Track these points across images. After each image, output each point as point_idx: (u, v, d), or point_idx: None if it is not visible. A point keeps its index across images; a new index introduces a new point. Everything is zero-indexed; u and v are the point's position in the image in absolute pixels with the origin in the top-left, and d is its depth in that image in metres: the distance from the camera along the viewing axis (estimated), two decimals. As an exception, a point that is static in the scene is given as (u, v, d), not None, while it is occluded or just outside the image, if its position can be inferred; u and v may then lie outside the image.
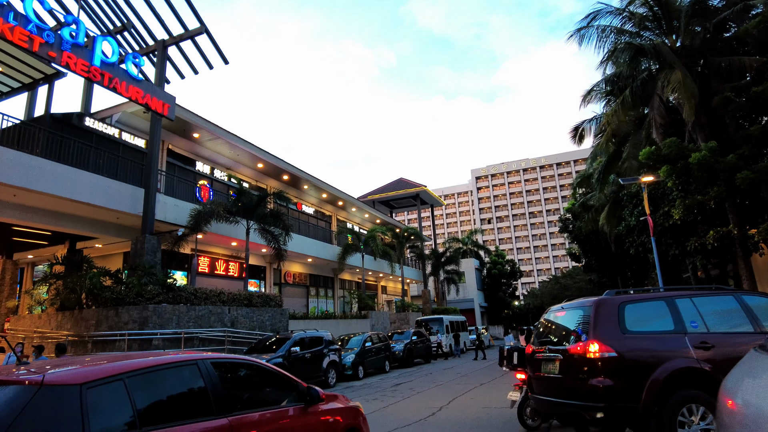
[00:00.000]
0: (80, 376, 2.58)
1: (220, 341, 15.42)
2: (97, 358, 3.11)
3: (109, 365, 2.81)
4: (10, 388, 2.41)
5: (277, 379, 3.99)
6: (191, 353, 3.49)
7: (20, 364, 2.96)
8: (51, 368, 2.71)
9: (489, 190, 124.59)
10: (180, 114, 18.45)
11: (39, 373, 2.55)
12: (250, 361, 3.90)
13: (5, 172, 12.79)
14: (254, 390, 3.88)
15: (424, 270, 43.34)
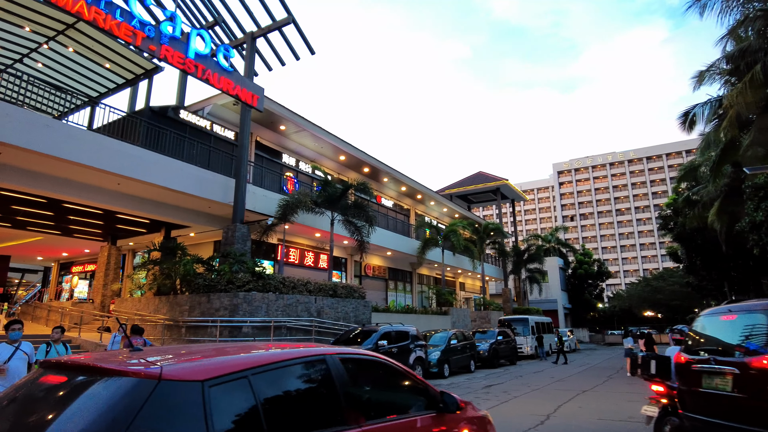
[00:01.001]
0: (202, 370, 2.12)
1: (307, 331, 15.33)
2: (207, 350, 2.67)
3: (232, 359, 2.34)
4: (125, 380, 1.98)
5: (409, 380, 3.38)
6: (316, 347, 2.96)
7: (133, 350, 2.56)
8: (165, 359, 2.28)
9: (572, 185, 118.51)
10: (267, 106, 18.66)
11: (154, 365, 2.11)
12: (381, 359, 3.32)
13: (111, 161, 13.38)
14: (383, 393, 3.29)
15: (505, 267, 41.72)
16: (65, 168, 13.28)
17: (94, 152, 12.97)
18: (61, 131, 12.43)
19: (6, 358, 5.79)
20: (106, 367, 2.09)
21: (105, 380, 2.01)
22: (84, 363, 2.20)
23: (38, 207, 15.67)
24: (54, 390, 2.12)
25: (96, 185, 14.80)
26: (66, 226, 18.72)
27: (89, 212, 16.44)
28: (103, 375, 2.05)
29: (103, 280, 19.71)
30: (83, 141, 12.86)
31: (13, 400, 2.17)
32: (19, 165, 12.98)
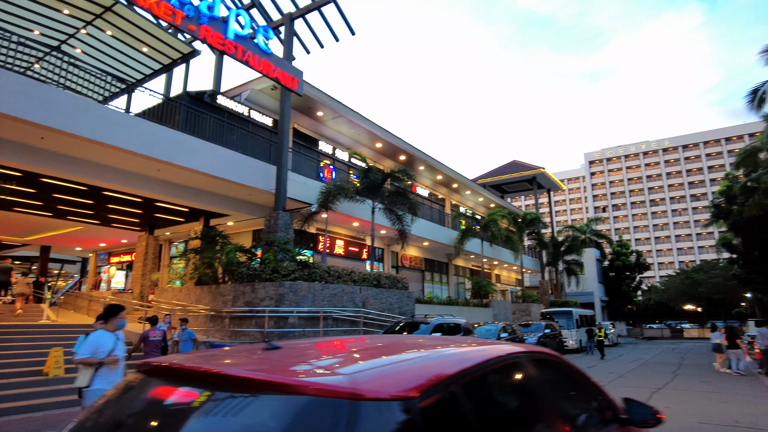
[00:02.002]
0: (406, 381, 1.39)
1: (353, 321, 14.71)
2: (366, 347, 1.95)
3: (431, 362, 1.62)
4: (295, 400, 1.27)
5: (589, 385, 2.60)
6: (503, 345, 2.20)
7: (269, 348, 1.86)
8: (337, 364, 1.57)
9: (604, 175, 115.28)
10: (306, 91, 18.01)
11: (334, 373, 1.40)
12: (562, 358, 2.54)
13: (152, 146, 12.93)
14: (570, 402, 2.51)
15: (542, 259, 40.54)
16: (106, 154, 12.88)
17: (135, 137, 12.54)
18: (102, 115, 12.00)
19: (111, 346, 5.13)
20: (264, 379, 1.38)
21: (257, 397, 1.32)
22: (217, 371, 1.50)
23: (79, 195, 15.39)
24: (177, 412, 1.45)
25: (136, 172, 14.41)
26: (105, 216, 18.50)
27: (128, 200, 16.10)
28: (256, 390, 1.35)
29: (141, 270, 19.47)
30: (123, 125, 12.43)
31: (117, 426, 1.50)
32: (61, 151, 12.63)
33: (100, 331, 5.19)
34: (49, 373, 10.10)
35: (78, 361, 5.01)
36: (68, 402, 9.11)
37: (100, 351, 4.99)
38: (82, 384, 4.97)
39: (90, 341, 5.04)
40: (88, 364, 4.94)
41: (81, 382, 5.00)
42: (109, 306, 5.41)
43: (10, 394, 8.92)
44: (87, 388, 4.94)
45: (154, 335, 9.43)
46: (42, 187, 14.45)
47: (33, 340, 12.29)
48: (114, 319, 5.29)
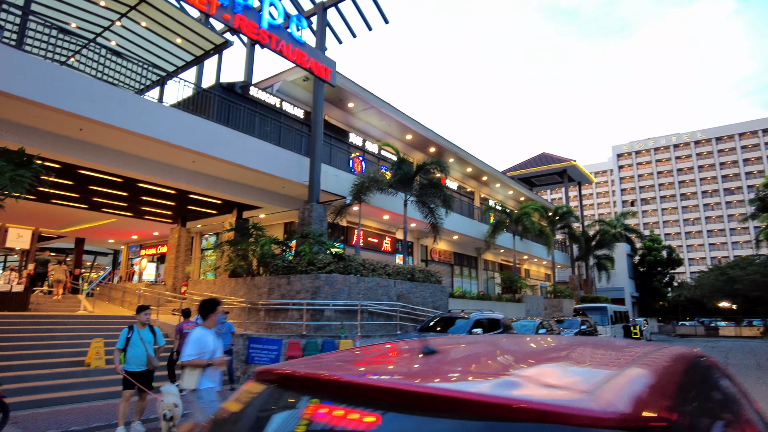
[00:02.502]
0: (649, 400, 1.05)
1: (388, 315, 14.45)
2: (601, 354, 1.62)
3: (649, 372, 1.28)
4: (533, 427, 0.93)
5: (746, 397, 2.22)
6: (675, 347, 1.86)
7: (426, 352, 1.56)
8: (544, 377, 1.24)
9: (632, 168, 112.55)
10: (338, 81, 17.73)
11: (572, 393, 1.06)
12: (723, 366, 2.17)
13: (188, 137, 12.85)
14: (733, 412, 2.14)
15: (572, 253, 39.68)
16: (142, 145, 12.85)
17: (171, 128, 12.46)
18: (139, 106, 11.94)
19: (214, 345, 4.79)
20: (479, 399, 1.03)
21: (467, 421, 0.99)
22: (400, 388, 1.13)
23: (114, 187, 15.45)
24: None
25: (171, 163, 14.38)
26: (138, 208, 18.60)
27: (162, 192, 16.11)
28: (463, 411, 1.01)
29: (174, 262, 19.56)
30: (160, 116, 12.36)
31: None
32: (98, 142, 12.64)
33: (201, 329, 4.85)
34: (90, 364, 10.10)
35: (185, 363, 4.65)
36: (110, 393, 9.08)
37: (205, 351, 4.67)
38: (190, 386, 4.64)
39: (194, 341, 4.71)
40: (196, 366, 4.61)
41: (188, 384, 4.66)
42: (206, 301, 5.01)
43: (56, 384, 8.92)
44: (196, 389, 4.64)
45: (188, 327, 9.42)
46: (79, 179, 14.53)
47: (72, 330, 12.37)
48: (213, 315, 4.94)
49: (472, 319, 12.65)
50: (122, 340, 6.49)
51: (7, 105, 10.20)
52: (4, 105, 10.20)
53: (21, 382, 8.76)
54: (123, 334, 6.56)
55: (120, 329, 13.55)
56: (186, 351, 4.68)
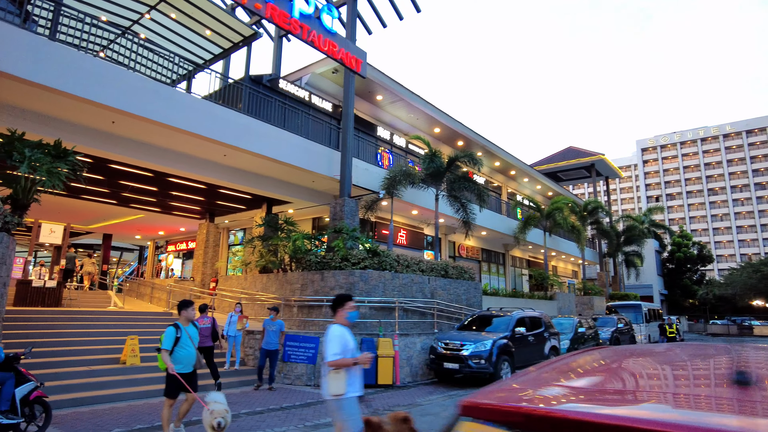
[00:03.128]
0: None
1: (423, 313, 14.01)
2: None
3: None
4: None
5: None
6: None
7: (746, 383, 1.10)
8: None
9: (657, 163, 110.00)
10: (367, 73, 17.30)
11: None
12: None
13: (220, 130, 12.57)
14: None
15: (601, 250, 38.73)
16: (173, 139, 12.62)
17: (203, 120, 12.19)
18: (172, 98, 11.69)
19: (354, 342, 4.31)
20: None
21: None
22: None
23: (144, 181, 15.29)
24: None
25: (202, 157, 14.15)
26: (167, 203, 18.47)
27: (192, 187, 15.92)
28: None
29: (202, 258, 19.41)
30: (192, 108, 12.09)
31: None
32: (131, 136, 12.44)
33: (338, 327, 4.35)
34: (126, 362, 9.89)
35: (331, 363, 4.15)
36: (147, 393, 8.83)
37: (348, 349, 4.18)
38: (338, 391, 4.07)
39: (336, 338, 4.22)
40: (342, 365, 4.10)
41: (335, 389, 4.07)
42: (339, 296, 4.53)
43: (93, 382, 8.71)
44: (342, 395, 4.10)
45: (203, 323, 9.34)
46: (110, 173, 14.39)
47: (105, 326, 12.21)
48: (342, 310, 4.43)
49: (514, 318, 12.15)
50: (170, 340, 5.92)
51: (42, 97, 10.01)
52: (39, 97, 10.02)
53: (59, 380, 8.56)
54: (170, 335, 5.96)
55: (151, 326, 13.44)
56: (329, 349, 4.17)
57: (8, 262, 7.35)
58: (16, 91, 9.73)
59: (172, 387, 5.95)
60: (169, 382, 5.95)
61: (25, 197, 8.03)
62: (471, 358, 10.62)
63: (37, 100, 10.20)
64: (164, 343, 5.90)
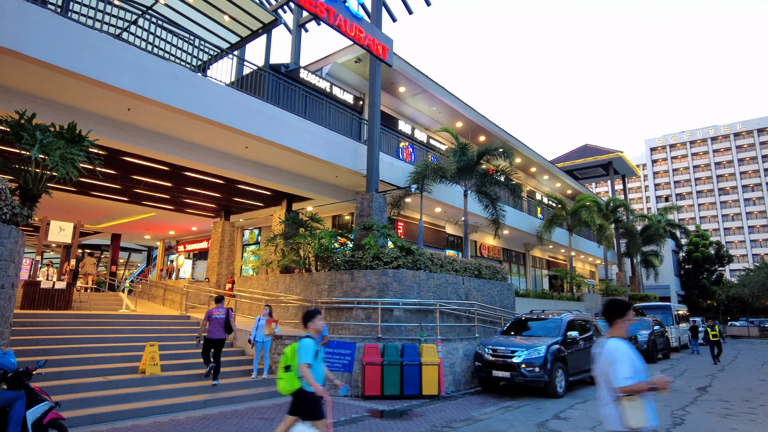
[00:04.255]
0: None
1: (457, 316, 13.04)
2: None
3: None
4: None
5: None
6: None
7: None
8: None
9: (667, 162, 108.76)
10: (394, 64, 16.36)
11: None
12: None
13: (242, 119, 11.67)
14: None
15: (619, 249, 37.66)
16: (192, 129, 11.73)
17: (224, 108, 11.28)
18: (191, 83, 10.76)
19: (642, 361, 3.38)
20: None
21: None
22: None
23: (159, 176, 14.39)
24: None
25: (222, 150, 13.25)
26: (181, 200, 17.56)
27: (209, 182, 15.01)
28: None
29: (217, 258, 18.49)
30: (213, 94, 11.16)
31: None
32: (146, 125, 11.55)
33: (621, 342, 3.37)
34: (146, 371, 8.95)
35: (626, 389, 3.19)
36: (172, 407, 7.89)
37: (638, 370, 3.25)
38: (639, 423, 3.19)
39: (624, 359, 3.26)
40: (637, 391, 3.21)
41: (636, 421, 3.20)
42: (614, 303, 3.55)
43: (111, 395, 7.77)
44: (643, 428, 3.19)
45: (218, 313, 9.37)
46: (123, 167, 13.49)
47: (119, 331, 11.31)
48: (621, 320, 3.47)
49: (564, 321, 11.17)
50: (311, 352, 4.59)
51: (53, 81, 9.12)
52: (50, 81, 9.12)
53: (74, 392, 7.64)
54: (310, 347, 4.60)
55: (167, 330, 12.52)
56: (619, 372, 3.25)
57: (17, 260, 6.43)
58: (24, 73, 8.83)
59: (315, 407, 4.66)
60: (310, 403, 4.62)
61: (35, 187, 7.13)
62: (524, 365, 9.65)
63: (47, 83, 9.29)
64: (304, 356, 4.57)
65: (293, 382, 4.60)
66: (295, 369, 4.61)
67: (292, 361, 4.66)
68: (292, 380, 4.61)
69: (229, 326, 9.41)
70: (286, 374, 4.66)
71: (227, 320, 9.39)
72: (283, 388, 4.65)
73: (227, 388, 9.28)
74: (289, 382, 4.62)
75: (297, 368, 4.57)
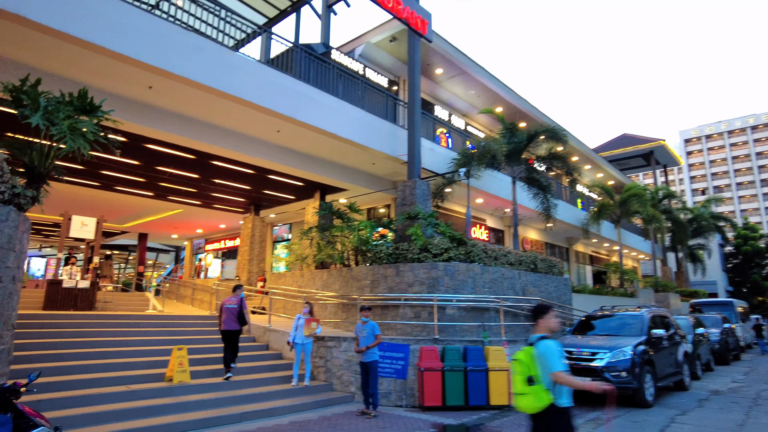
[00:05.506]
0: None
1: (514, 314, 11.63)
2: None
3: None
4: None
5: None
6: None
7: None
8: None
9: (703, 154, 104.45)
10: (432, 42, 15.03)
11: None
12: None
13: (273, 98, 10.53)
14: None
15: (663, 243, 35.46)
16: (217, 111, 10.68)
17: (254, 85, 10.18)
18: (218, 57, 9.67)
19: None
20: None
21: None
22: None
23: (185, 167, 13.39)
24: None
25: (251, 135, 12.17)
26: (208, 194, 16.59)
27: (238, 172, 13.95)
28: None
29: (248, 255, 17.46)
30: (242, 70, 10.06)
31: None
32: (169, 107, 10.54)
33: None
34: (173, 379, 7.85)
35: None
36: (204, 422, 6.74)
37: None
38: None
39: None
40: None
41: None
42: None
43: (135, 408, 6.66)
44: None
45: (231, 302, 8.93)
46: (146, 156, 12.51)
47: (144, 333, 10.29)
48: None
49: (645, 318, 9.67)
50: (561, 357, 3.54)
51: (66, 53, 8.11)
52: (62, 53, 8.12)
53: (92, 405, 6.58)
54: (558, 352, 3.56)
55: (196, 332, 11.45)
56: None
57: (18, 248, 5.36)
58: (33, 43, 7.84)
59: (570, 428, 3.55)
60: (566, 422, 3.54)
61: (42, 164, 6.06)
62: (607, 369, 8.22)
63: (59, 56, 8.30)
64: (556, 364, 3.49)
65: (541, 397, 3.51)
66: (540, 380, 3.53)
67: (533, 371, 3.59)
68: (540, 395, 3.51)
69: (243, 317, 8.87)
70: (531, 388, 3.57)
71: (240, 310, 8.88)
72: (527, 406, 3.57)
73: (265, 397, 8.11)
74: (537, 397, 3.52)
75: (541, 379, 3.52)
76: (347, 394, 8.90)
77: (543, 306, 3.83)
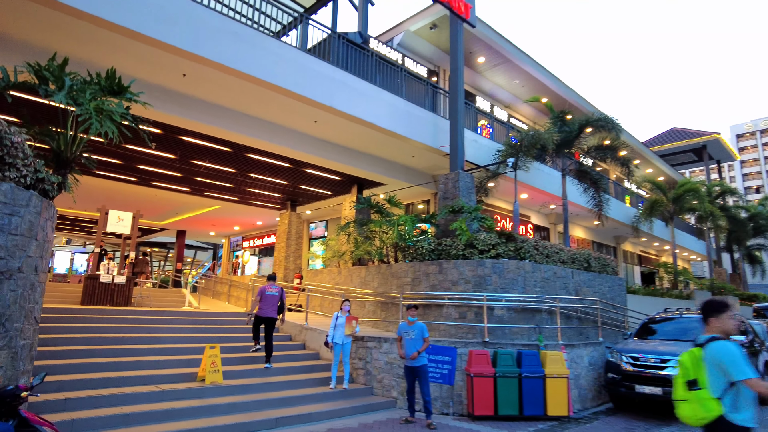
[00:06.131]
0: None
1: (567, 316, 10.75)
2: None
3: None
4: None
5: None
6: None
7: None
8: None
9: (757, 150, 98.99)
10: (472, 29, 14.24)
11: None
12: None
13: (310, 86, 10.03)
14: None
15: (718, 243, 33.37)
16: (254, 100, 10.27)
17: (291, 72, 9.71)
18: (253, 42, 9.23)
19: None
20: None
21: None
22: None
23: (221, 160, 13.09)
24: None
25: (288, 126, 11.74)
26: (245, 189, 16.31)
27: (275, 166, 13.57)
28: None
29: (284, 251, 17.12)
30: (278, 56, 9.59)
31: None
32: (203, 96, 10.21)
33: None
34: (205, 379, 7.41)
35: None
36: (234, 427, 6.26)
37: None
38: None
39: None
40: None
41: None
42: None
43: (163, 411, 6.24)
44: None
45: (271, 290, 9.08)
46: (182, 149, 12.25)
47: (178, 330, 9.94)
48: None
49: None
50: (747, 361, 3.03)
51: (94, 38, 7.81)
52: (91, 37, 7.82)
53: (119, 405, 6.20)
54: (742, 355, 3.02)
55: (231, 330, 11.04)
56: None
57: (41, 236, 4.97)
58: (59, 27, 7.56)
59: None
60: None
61: (68, 149, 5.68)
62: (682, 381, 7.30)
63: (87, 41, 8.01)
64: (746, 370, 2.88)
65: (708, 407, 2.93)
66: (706, 387, 2.98)
67: (697, 373, 3.06)
68: (706, 404, 2.94)
69: (282, 305, 9.25)
70: (692, 393, 3.04)
71: (281, 299, 9.21)
72: (689, 416, 3.03)
73: (301, 401, 7.58)
74: (702, 406, 2.96)
75: (709, 385, 2.97)
76: (389, 399, 8.28)
77: (717, 303, 3.29)
